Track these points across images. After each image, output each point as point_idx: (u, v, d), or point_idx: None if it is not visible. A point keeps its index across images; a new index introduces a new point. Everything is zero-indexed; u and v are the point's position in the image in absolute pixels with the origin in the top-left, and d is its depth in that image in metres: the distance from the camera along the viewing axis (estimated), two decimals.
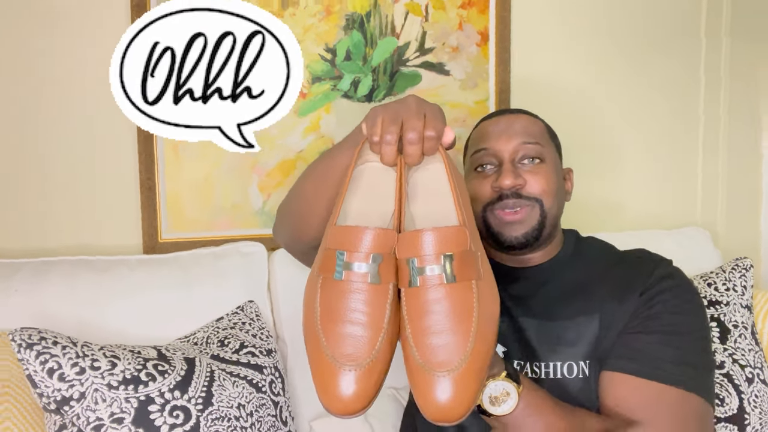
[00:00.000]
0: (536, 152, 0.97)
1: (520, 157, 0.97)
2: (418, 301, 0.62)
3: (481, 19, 1.50)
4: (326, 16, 1.40)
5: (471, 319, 0.61)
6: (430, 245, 0.63)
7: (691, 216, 1.75)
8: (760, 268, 1.74)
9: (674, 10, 1.69)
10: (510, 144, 0.97)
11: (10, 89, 1.24)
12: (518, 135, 0.97)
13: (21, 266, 1.14)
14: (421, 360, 0.60)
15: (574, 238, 1.06)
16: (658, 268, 0.96)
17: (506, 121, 1.00)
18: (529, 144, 0.97)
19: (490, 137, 0.99)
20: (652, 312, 0.91)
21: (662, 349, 0.88)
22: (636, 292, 0.93)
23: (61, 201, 1.28)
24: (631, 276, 0.96)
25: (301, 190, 0.93)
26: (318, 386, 0.60)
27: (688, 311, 0.93)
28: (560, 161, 1.04)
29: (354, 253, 0.63)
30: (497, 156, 0.97)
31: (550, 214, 0.96)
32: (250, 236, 1.35)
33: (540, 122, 1.03)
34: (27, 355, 0.88)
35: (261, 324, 1.16)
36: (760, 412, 1.20)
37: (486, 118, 1.06)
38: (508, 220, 0.95)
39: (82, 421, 0.89)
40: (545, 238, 0.98)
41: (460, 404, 0.58)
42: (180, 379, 0.96)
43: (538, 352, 0.93)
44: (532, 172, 0.96)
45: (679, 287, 0.94)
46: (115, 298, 1.13)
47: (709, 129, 1.75)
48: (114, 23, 1.28)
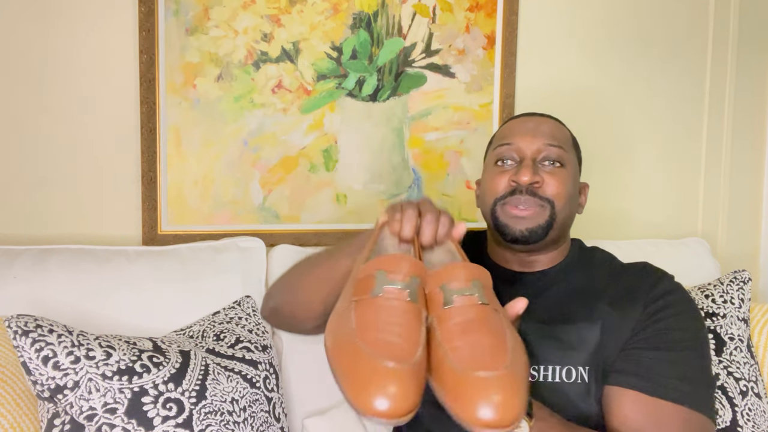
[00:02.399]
0: (558, 156, 0.98)
1: (542, 157, 0.98)
2: (456, 318, 0.63)
3: (488, 23, 1.50)
4: (333, 14, 1.40)
5: (505, 337, 0.62)
6: (462, 272, 0.66)
7: (692, 226, 1.75)
8: (758, 281, 1.74)
9: (681, 21, 1.69)
10: (534, 143, 0.98)
11: (13, 79, 1.25)
12: (543, 136, 0.98)
13: (20, 253, 1.14)
14: (464, 366, 0.57)
15: (578, 246, 1.07)
16: (661, 283, 0.96)
17: (534, 122, 1.02)
18: (552, 146, 0.98)
19: (515, 134, 1.00)
20: (657, 327, 0.91)
21: (668, 366, 0.88)
22: (638, 305, 0.93)
23: (62, 190, 1.28)
24: (634, 288, 0.96)
25: (299, 286, 0.96)
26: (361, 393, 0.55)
27: (692, 328, 0.93)
28: (579, 173, 1.05)
29: (394, 273, 0.65)
30: (520, 152, 0.98)
31: (559, 217, 0.97)
32: (249, 231, 1.36)
33: (566, 130, 1.04)
34: (22, 342, 0.88)
35: (257, 319, 1.16)
36: (753, 426, 1.20)
37: (514, 117, 1.07)
38: (516, 214, 0.96)
39: (75, 410, 0.89)
40: (551, 240, 0.98)
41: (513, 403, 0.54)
42: (174, 371, 0.96)
43: (537, 355, 0.93)
44: (550, 174, 0.97)
45: (682, 303, 0.95)
46: (113, 289, 1.13)
47: (712, 140, 1.74)
48: (118, 15, 1.29)
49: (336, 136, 1.42)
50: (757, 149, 1.75)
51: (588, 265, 1.03)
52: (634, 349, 0.90)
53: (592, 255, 1.06)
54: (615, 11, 1.63)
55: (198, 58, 1.32)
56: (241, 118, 1.35)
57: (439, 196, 1.51)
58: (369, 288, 0.65)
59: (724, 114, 1.74)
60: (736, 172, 1.75)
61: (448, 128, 1.49)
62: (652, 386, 0.86)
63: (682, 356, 0.89)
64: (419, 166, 1.49)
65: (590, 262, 1.04)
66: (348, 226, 1.45)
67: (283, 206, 1.40)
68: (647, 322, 0.92)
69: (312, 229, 1.43)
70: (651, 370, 0.88)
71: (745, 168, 1.75)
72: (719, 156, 1.75)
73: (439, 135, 1.49)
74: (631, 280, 0.98)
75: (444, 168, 1.50)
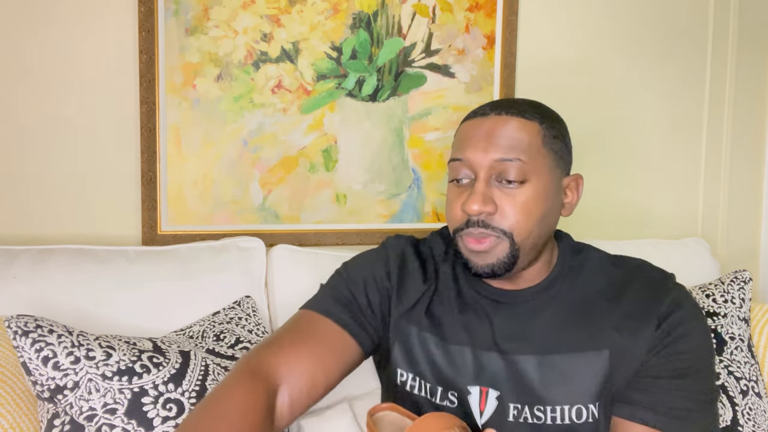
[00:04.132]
0: (517, 171, 0.81)
1: (497, 175, 0.82)
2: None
3: (488, 23, 1.50)
4: (333, 15, 1.40)
5: None
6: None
7: (692, 227, 1.75)
8: (758, 281, 1.74)
9: (681, 21, 1.69)
10: (486, 158, 0.82)
11: (13, 79, 1.25)
12: (497, 148, 0.82)
13: (20, 253, 1.14)
14: None
15: (569, 249, 0.93)
16: (670, 292, 0.86)
17: (488, 126, 0.84)
18: (508, 161, 0.81)
19: (467, 145, 0.84)
20: (669, 351, 0.82)
21: (680, 396, 0.80)
22: (650, 324, 0.83)
23: (62, 190, 1.28)
24: (641, 303, 0.85)
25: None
26: None
27: (703, 345, 0.85)
28: (562, 170, 0.87)
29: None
30: (472, 169, 0.83)
31: (524, 247, 0.83)
32: (249, 231, 1.36)
33: (535, 125, 0.84)
34: (22, 343, 0.88)
35: (257, 320, 1.16)
36: (753, 425, 1.20)
37: (470, 116, 0.89)
38: (474, 249, 0.83)
39: (75, 410, 0.89)
40: (521, 267, 0.85)
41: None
42: (174, 372, 0.96)
43: (541, 394, 0.82)
44: (508, 196, 0.82)
45: (693, 318, 0.85)
46: (113, 289, 1.13)
47: (712, 140, 1.75)
48: (118, 15, 1.29)
49: (336, 136, 1.42)
50: (757, 149, 1.75)
51: (583, 274, 0.90)
52: (646, 378, 0.81)
53: (584, 260, 0.92)
54: (615, 12, 1.63)
55: (198, 58, 1.32)
56: (240, 118, 1.35)
57: (438, 196, 1.51)
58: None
59: (724, 114, 1.74)
60: (736, 172, 1.75)
61: (448, 128, 1.49)
62: (664, 420, 0.79)
63: (694, 380, 0.81)
64: (419, 166, 1.49)
65: (583, 269, 0.91)
66: (348, 226, 1.45)
67: (283, 206, 1.40)
68: (660, 345, 0.82)
69: (312, 229, 1.43)
70: (663, 401, 0.80)
71: (745, 168, 1.75)
72: (719, 156, 1.75)
73: (439, 135, 1.49)
74: (637, 293, 0.86)
75: (444, 168, 1.50)
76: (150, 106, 1.29)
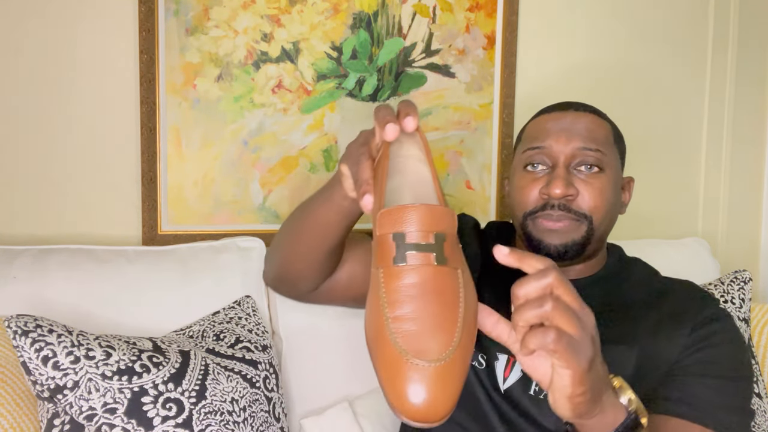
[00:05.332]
0: (596, 160, 0.87)
1: (576, 162, 0.88)
2: (405, 280, 0.54)
3: (489, 23, 1.50)
4: (333, 14, 1.40)
5: (458, 310, 0.54)
6: (422, 221, 0.55)
7: (692, 226, 1.75)
8: (758, 281, 1.74)
9: (681, 19, 1.69)
10: (568, 146, 0.88)
11: (12, 79, 1.25)
12: (579, 138, 0.88)
13: (20, 253, 1.14)
14: (404, 346, 0.51)
15: (618, 256, 0.98)
16: (708, 307, 0.88)
17: (569, 119, 0.90)
18: (589, 150, 0.87)
19: (548, 135, 0.89)
20: (703, 354, 0.83)
21: (715, 394, 0.80)
22: (685, 328, 0.85)
23: (62, 190, 1.28)
24: (679, 310, 0.88)
25: (286, 245, 0.94)
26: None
27: (740, 357, 0.86)
28: (622, 169, 0.96)
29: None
30: (552, 157, 0.89)
31: (598, 232, 0.88)
32: (249, 231, 1.36)
33: (607, 124, 0.93)
34: (22, 342, 0.88)
35: (257, 319, 1.16)
36: (754, 425, 1.20)
37: (546, 111, 0.95)
38: (549, 228, 0.87)
39: (75, 410, 0.89)
40: (589, 254, 0.90)
41: (445, 400, 0.50)
42: (174, 371, 0.96)
43: None
44: (587, 183, 0.87)
45: (730, 332, 0.86)
46: (113, 289, 1.13)
47: (712, 140, 1.75)
48: (118, 15, 1.29)
49: (336, 136, 1.42)
50: (757, 149, 1.75)
51: (627, 280, 0.94)
52: (679, 376, 0.82)
53: (632, 268, 0.97)
54: (615, 11, 1.63)
55: (198, 58, 1.32)
56: (241, 118, 1.35)
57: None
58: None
59: (724, 114, 1.74)
60: (736, 172, 1.75)
61: (448, 128, 1.49)
62: (698, 414, 0.78)
63: (729, 386, 0.81)
64: None
65: (630, 275, 0.95)
66: None
67: (283, 206, 1.40)
68: (694, 348, 0.83)
69: None
70: (697, 397, 0.80)
71: (745, 168, 1.75)
72: (719, 156, 1.75)
73: (439, 135, 1.49)
74: (677, 302, 0.89)
75: (444, 168, 1.50)
76: (150, 106, 1.29)
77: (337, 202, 0.80)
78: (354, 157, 0.67)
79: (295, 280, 0.99)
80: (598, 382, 0.58)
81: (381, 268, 0.56)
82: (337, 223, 0.84)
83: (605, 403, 0.61)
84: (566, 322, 0.54)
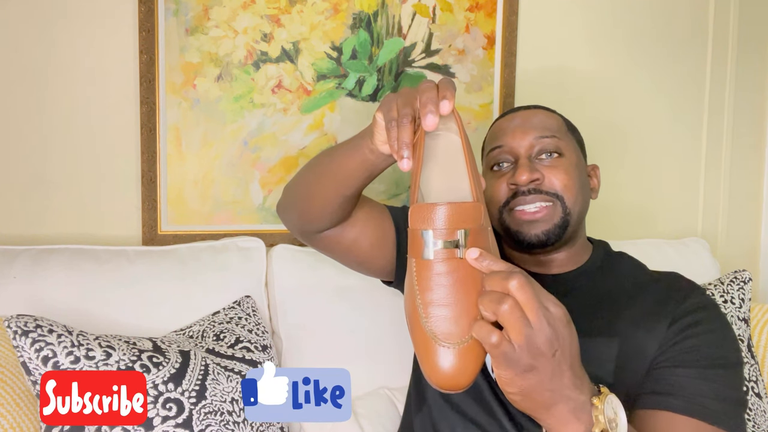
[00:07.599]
0: (554, 146, 0.92)
1: (536, 152, 0.92)
2: (430, 273, 0.62)
3: (488, 23, 1.50)
4: (333, 15, 1.40)
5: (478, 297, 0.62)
6: (447, 220, 0.62)
7: (692, 227, 1.75)
8: (758, 281, 1.74)
9: (681, 21, 1.69)
10: (525, 139, 0.93)
11: (12, 79, 1.25)
12: (534, 129, 0.93)
13: (20, 253, 1.14)
14: (432, 330, 0.61)
15: (604, 250, 0.99)
16: (691, 297, 0.88)
17: (521, 117, 0.96)
18: (545, 138, 0.92)
19: (505, 134, 0.95)
20: (686, 344, 0.83)
21: (702, 384, 0.80)
22: (665, 320, 0.85)
23: (62, 190, 1.28)
24: (661, 302, 0.88)
25: (305, 182, 0.94)
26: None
27: (726, 345, 0.85)
28: (583, 156, 0.99)
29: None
30: (512, 152, 0.93)
31: (573, 211, 0.91)
32: (249, 231, 1.36)
33: (557, 116, 0.99)
34: (22, 342, 0.88)
35: (257, 319, 1.17)
36: (753, 425, 1.20)
37: (501, 116, 1.02)
38: (526, 219, 0.90)
39: None
40: (569, 236, 0.92)
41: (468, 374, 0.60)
42: (174, 371, 0.96)
43: None
44: (550, 167, 0.91)
45: (715, 320, 0.86)
46: (113, 289, 1.13)
47: (712, 140, 1.75)
48: (118, 15, 1.29)
49: (336, 136, 1.42)
50: (757, 149, 1.75)
51: (612, 273, 0.95)
52: (663, 368, 0.82)
53: (617, 261, 0.98)
54: (615, 12, 1.63)
55: (198, 58, 1.32)
56: (241, 118, 1.35)
57: None
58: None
59: (724, 114, 1.74)
60: (736, 172, 1.75)
61: None
62: (687, 405, 0.78)
63: (716, 374, 0.81)
64: None
65: (615, 268, 0.96)
66: None
67: None
68: (675, 339, 0.83)
69: None
70: (684, 388, 0.79)
71: (745, 168, 1.75)
72: (719, 156, 1.75)
73: None
74: (659, 293, 0.89)
75: None
76: (150, 106, 1.29)
77: (363, 153, 0.81)
78: (393, 111, 0.69)
79: (302, 217, 0.97)
80: (544, 392, 0.61)
81: (414, 258, 0.64)
82: (358, 174, 0.84)
83: (562, 414, 0.62)
84: (514, 330, 0.58)
